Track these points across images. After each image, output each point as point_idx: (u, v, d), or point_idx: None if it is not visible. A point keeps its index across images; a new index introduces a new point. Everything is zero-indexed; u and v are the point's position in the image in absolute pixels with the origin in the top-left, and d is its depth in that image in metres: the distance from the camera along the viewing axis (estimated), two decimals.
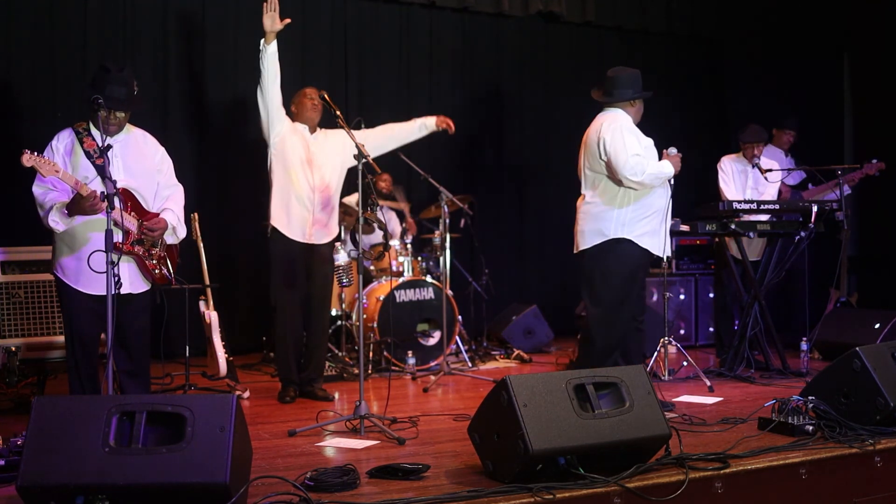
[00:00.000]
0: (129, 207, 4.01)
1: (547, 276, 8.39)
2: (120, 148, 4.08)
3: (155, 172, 4.21)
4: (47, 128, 6.26)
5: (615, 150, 4.52)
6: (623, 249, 4.62)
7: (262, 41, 4.96)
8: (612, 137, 4.55)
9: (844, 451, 3.66)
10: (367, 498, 3.08)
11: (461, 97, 8.02)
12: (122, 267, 3.97)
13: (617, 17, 8.38)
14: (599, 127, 4.67)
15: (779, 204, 5.68)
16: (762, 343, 5.84)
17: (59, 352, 5.57)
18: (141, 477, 2.76)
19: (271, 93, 5.03)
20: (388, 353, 6.10)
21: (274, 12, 4.91)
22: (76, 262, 3.95)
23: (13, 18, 6.34)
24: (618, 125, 4.59)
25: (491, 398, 3.30)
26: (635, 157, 4.49)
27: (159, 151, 4.27)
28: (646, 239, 4.64)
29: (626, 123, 4.65)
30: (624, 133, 4.55)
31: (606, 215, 4.65)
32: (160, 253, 4.14)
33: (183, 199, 4.34)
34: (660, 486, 3.23)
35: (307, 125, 5.20)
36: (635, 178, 4.50)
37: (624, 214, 4.62)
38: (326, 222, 5.18)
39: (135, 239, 4.02)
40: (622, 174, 4.49)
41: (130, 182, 4.06)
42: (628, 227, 4.62)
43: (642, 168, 4.48)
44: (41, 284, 5.52)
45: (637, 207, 4.62)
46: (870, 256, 8.21)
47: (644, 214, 4.63)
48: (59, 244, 4.03)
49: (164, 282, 4.17)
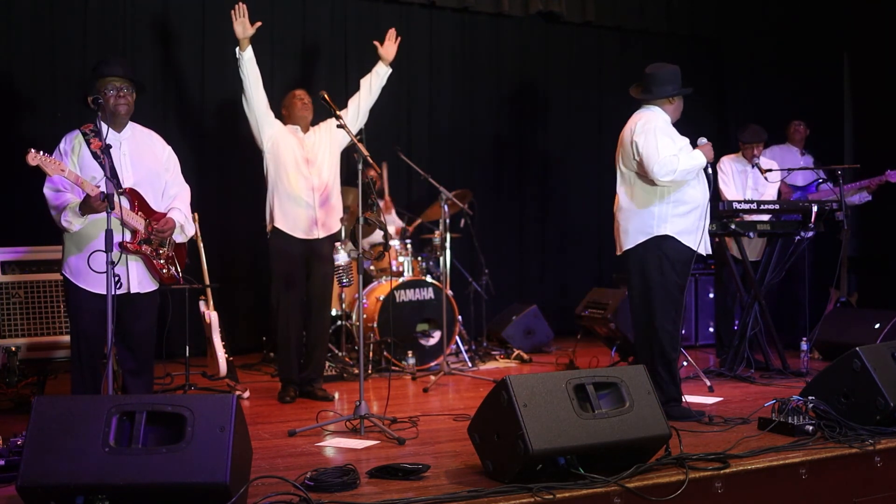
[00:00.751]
0: (137, 207, 4.02)
1: (547, 276, 8.39)
2: (127, 147, 4.09)
3: (162, 171, 4.22)
4: (48, 128, 6.31)
5: (647, 152, 4.40)
6: (670, 246, 4.49)
7: (237, 49, 4.98)
8: (645, 140, 4.44)
9: (844, 451, 3.66)
10: (367, 498, 3.08)
11: (461, 97, 8.02)
12: (131, 266, 4.01)
13: (617, 17, 8.38)
14: (634, 126, 4.56)
15: (779, 204, 5.68)
16: (762, 343, 5.85)
17: (59, 352, 5.57)
18: (141, 477, 2.76)
19: (256, 97, 5.06)
20: (388, 353, 6.10)
21: (244, 18, 4.94)
22: (83, 262, 3.96)
23: (13, 18, 6.34)
24: (651, 126, 4.48)
25: (491, 398, 3.30)
26: (666, 157, 4.38)
27: (166, 150, 4.29)
28: (687, 236, 4.51)
29: (661, 124, 4.53)
30: (658, 135, 4.44)
31: (647, 212, 4.52)
32: (168, 252, 4.15)
33: (189, 198, 4.35)
34: (660, 486, 3.23)
35: (299, 125, 5.22)
36: (667, 178, 4.38)
37: (665, 210, 4.49)
38: (328, 218, 5.20)
39: (142, 238, 4.03)
40: (654, 175, 4.37)
41: (138, 181, 4.07)
42: (670, 223, 4.49)
43: (673, 167, 4.36)
44: (41, 284, 5.53)
45: (676, 204, 4.49)
46: (870, 256, 8.20)
47: (683, 210, 4.50)
48: (67, 244, 4.05)
49: (172, 281, 4.17)
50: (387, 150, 6.66)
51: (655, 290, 4.50)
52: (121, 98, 4.03)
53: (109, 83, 4.02)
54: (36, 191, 3.97)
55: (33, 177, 3.92)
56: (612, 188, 4.58)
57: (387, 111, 6.93)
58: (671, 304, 4.50)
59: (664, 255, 4.48)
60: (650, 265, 4.51)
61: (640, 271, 4.55)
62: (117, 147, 4.04)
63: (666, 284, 4.48)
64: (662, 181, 4.41)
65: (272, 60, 7.10)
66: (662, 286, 4.48)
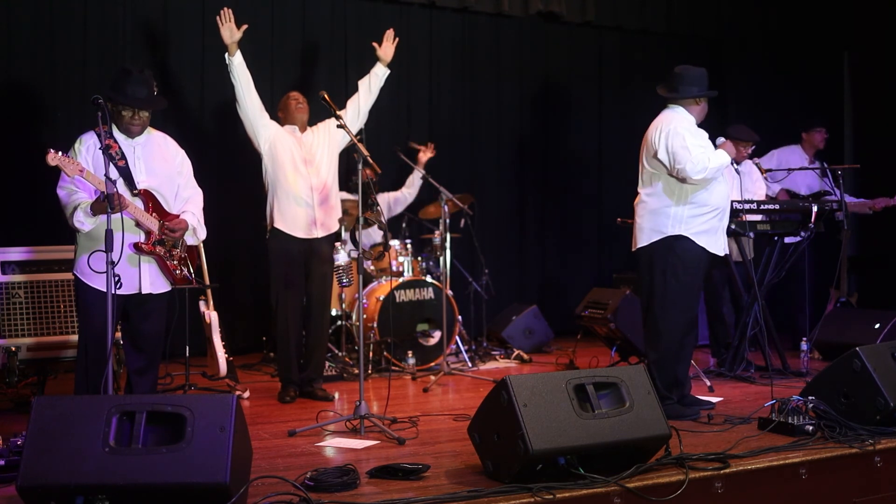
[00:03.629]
0: (151, 208, 4.06)
1: (547, 277, 8.39)
2: (142, 150, 4.14)
3: (175, 174, 4.27)
4: (48, 128, 6.31)
5: (675, 151, 4.41)
6: (682, 247, 4.50)
7: (226, 55, 4.99)
8: (672, 141, 4.45)
9: (844, 451, 3.67)
10: (367, 498, 3.08)
11: (461, 97, 8.01)
12: (143, 267, 4.06)
13: (617, 17, 8.37)
14: (659, 126, 4.56)
15: (779, 204, 5.68)
16: (762, 343, 5.84)
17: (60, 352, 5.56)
18: (141, 477, 2.76)
19: (248, 101, 5.07)
20: (388, 353, 6.10)
21: (230, 23, 4.96)
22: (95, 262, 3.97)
23: (13, 18, 6.33)
24: (674, 126, 4.48)
25: (491, 398, 3.30)
26: (698, 156, 4.38)
27: (179, 153, 4.34)
28: (703, 237, 4.51)
29: (685, 123, 4.54)
30: (684, 134, 4.46)
31: (664, 212, 4.53)
32: (181, 254, 4.20)
33: (202, 201, 4.39)
34: (660, 486, 3.23)
35: (296, 125, 5.22)
36: (699, 176, 4.39)
37: (681, 211, 4.50)
38: (327, 218, 5.20)
39: (156, 239, 4.06)
40: (687, 174, 4.38)
41: (152, 183, 4.11)
42: (686, 224, 4.49)
43: (704, 165, 4.38)
44: (41, 284, 5.52)
45: (694, 205, 4.50)
46: (870, 256, 8.21)
47: (701, 212, 4.51)
48: (80, 244, 4.07)
49: (184, 282, 4.22)
50: (387, 150, 6.67)
51: (664, 289, 4.51)
52: (136, 121, 4.09)
53: (130, 109, 4.06)
54: (36, 191, 3.98)
55: (33, 177, 3.93)
56: (612, 188, 4.61)
57: (387, 111, 6.93)
58: (679, 305, 4.50)
59: (676, 256, 4.49)
60: (661, 264, 4.52)
61: (649, 269, 4.57)
62: (132, 150, 4.10)
63: (677, 285, 4.49)
64: (694, 179, 4.42)
65: (272, 61, 7.10)
66: (671, 287, 4.49)
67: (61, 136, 4.12)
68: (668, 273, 4.50)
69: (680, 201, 4.51)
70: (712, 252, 4.56)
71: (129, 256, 3.95)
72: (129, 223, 3.89)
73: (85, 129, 4.13)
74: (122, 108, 4.05)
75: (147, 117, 4.14)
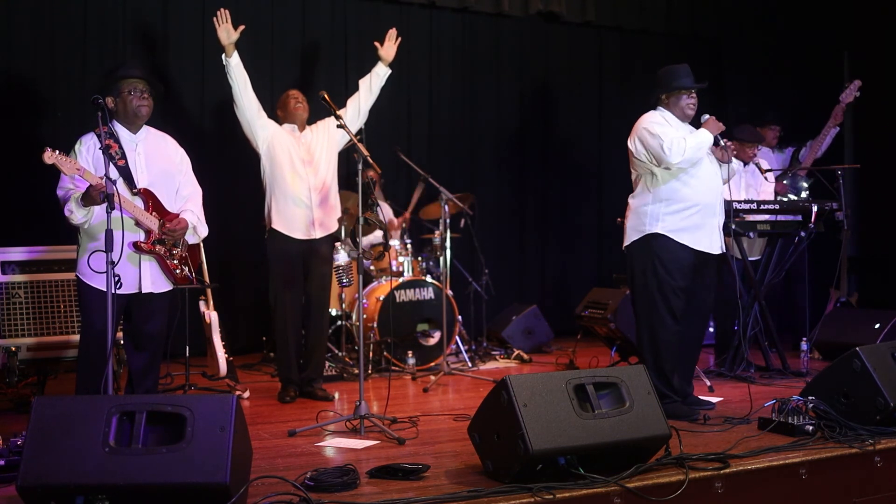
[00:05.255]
0: (151, 207, 4.06)
1: (547, 277, 8.39)
2: (142, 148, 4.15)
3: (176, 173, 4.27)
4: (48, 128, 6.32)
5: (647, 143, 4.44)
6: (659, 245, 4.47)
7: (223, 56, 4.99)
8: (640, 136, 4.50)
9: (844, 451, 3.66)
10: (367, 498, 3.08)
11: (461, 97, 8.02)
12: (144, 266, 4.06)
13: (617, 17, 8.37)
14: (632, 130, 4.62)
15: (779, 204, 5.68)
16: (762, 343, 5.84)
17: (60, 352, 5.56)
18: (141, 477, 2.76)
19: (245, 101, 5.07)
20: (388, 353, 6.10)
21: (227, 24, 4.95)
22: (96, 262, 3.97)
23: (13, 19, 6.33)
24: (642, 124, 4.54)
25: (491, 398, 3.30)
26: (671, 140, 4.37)
27: (179, 152, 4.35)
28: (684, 234, 4.47)
29: (655, 118, 4.56)
30: (652, 127, 4.47)
31: (642, 210, 4.55)
32: (182, 253, 4.20)
33: (202, 199, 4.40)
34: (660, 486, 3.23)
35: (295, 124, 5.22)
36: (679, 157, 4.36)
37: (657, 209, 4.49)
38: (326, 218, 5.20)
39: (156, 238, 4.06)
40: (667, 160, 4.37)
41: (152, 182, 4.11)
42: (662, 221, 4.48)
43: (681, 147, 4.36)
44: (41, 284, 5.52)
45: (670, 202, 4.48)
46: (870, 256, 8.21)
47: (678, 208, 4.48)
48: (81, 245, 4.07)
49: (185, 282, 4.22)
50: (387, 150, 6.66)
51: (643, 289, 4.52)
52: (143, 99, 4.10)
53: (131, 84, 4.08)
54: (36, 191, 3.98)
55: (33, 177, 3.93)
56: (612, 188, 4.62)
57: (387, 111, 6.92)
58: (661, 303, 4.46)
59: (655, 255, 4.48)
60: (640, 264, 4.54)
61: (631, 269, 4.60)
62: (132, 148, 4.11)
63: (657, 285, 4.46)
64: (675, 162, 4.40)
65: (272, 60, 7.10)
66: (651, 286, 4.48)
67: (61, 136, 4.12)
68: (648, 271, 4.50)
69: (656, 199, 4.51)
70: (699, 249, 4.50)
71: (128, 255, 3.95)
72: (128, 222, 3.89)
73: (85, 130, 4.13)
74: (128, 89, 4.04)
75: (152, 101, 4.14)
